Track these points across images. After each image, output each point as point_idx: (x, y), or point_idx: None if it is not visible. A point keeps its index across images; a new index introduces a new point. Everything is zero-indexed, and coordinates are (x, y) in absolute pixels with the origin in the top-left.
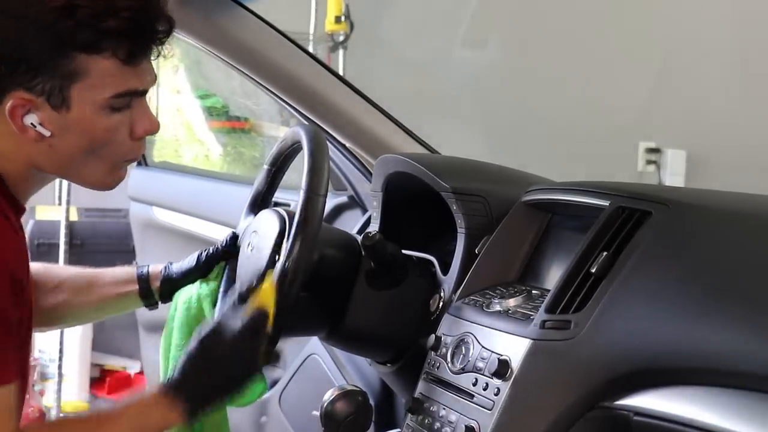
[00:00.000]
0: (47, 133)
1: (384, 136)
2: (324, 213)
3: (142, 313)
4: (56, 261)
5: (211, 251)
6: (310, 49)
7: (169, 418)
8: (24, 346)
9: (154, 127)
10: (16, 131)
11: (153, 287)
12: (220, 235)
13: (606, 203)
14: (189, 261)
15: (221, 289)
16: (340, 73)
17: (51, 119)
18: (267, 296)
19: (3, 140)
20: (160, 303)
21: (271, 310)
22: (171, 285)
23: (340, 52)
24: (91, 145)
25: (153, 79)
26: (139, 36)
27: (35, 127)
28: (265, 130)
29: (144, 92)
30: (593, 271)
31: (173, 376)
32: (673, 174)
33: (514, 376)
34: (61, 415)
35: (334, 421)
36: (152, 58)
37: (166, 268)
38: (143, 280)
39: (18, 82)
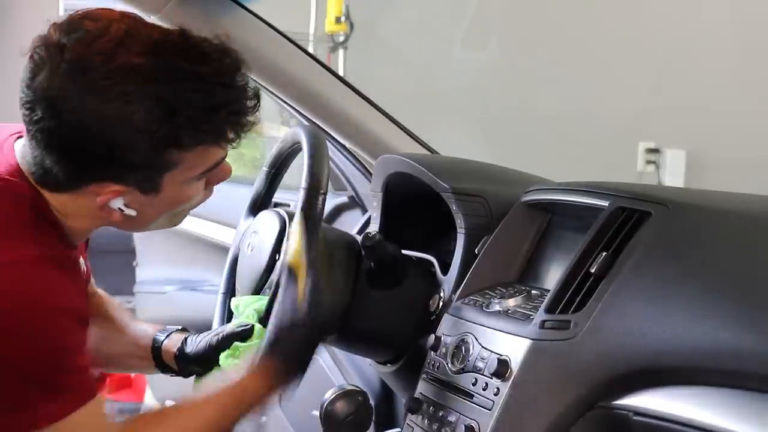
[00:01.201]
0: (133, 213)
1: (384, 136)
2: (324, 213)
3: (142, 312)
4: None
5: (222, 336)
6: (310, 50)
7: (266, 386)
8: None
9: (227, 176)
10: (97, 209)
11: (167, 360)
12: (219, 235)
13: (606, 203)
14: (203, 342)
15: (221, 291)
16: (340, 73)
17: (138, 201)
18: (296, 256)
19: (78, 212)
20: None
21: (301, 269)
22: (186, 364)
23: (340, 52)
24: (172, 210)
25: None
26: (236, 127)
27: (122, 211)
28: (265, 130)
29: (225, 157)
30: (593, 271)
31: (260, 353)
32: (673, 174)
33: (513, 376)
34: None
35: (334, 421)
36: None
37: (182, 344)
38: (157, 351)
39: (111, 176)
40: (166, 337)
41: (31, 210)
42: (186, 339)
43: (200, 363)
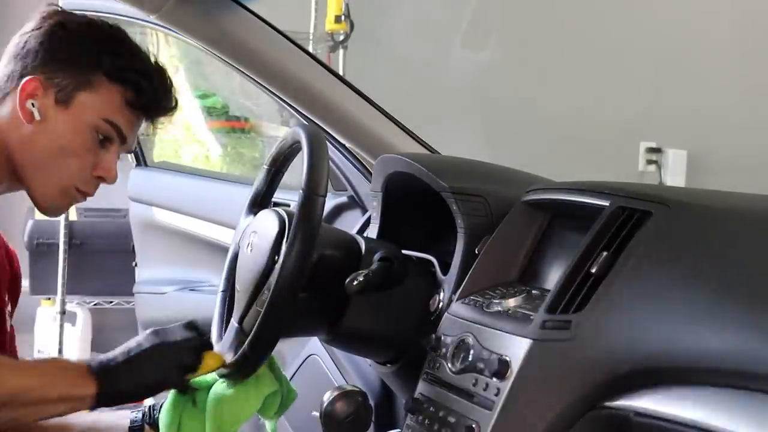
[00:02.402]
0: (38, 116)
1: (384, 136)
2: (324, 213)
3: (142, 313)
4: (55, 261)
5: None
6: (310, 49)
7: (79, 391)
8: None
9: (111, 177)
10: (11, 114)
11: None
12: (219, 235)
13: (606, 203)
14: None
15: (221, 289)
16: (340, 73)
17: (47, 108)
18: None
19: None
20: None
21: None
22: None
23: (340, 51)
24: (63, 150)
25: (132, 145)
26: (154, 99)
27: (33, 107)
28: (264, 130)
29: (122, 142)
30: (593, 271)
31: (104, 359)
32: (674, 174)
33: (514, 376)
34: None
35: (333, 422)
36: (144, 126)
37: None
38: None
39: (41, 71)
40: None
41: None
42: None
43: None
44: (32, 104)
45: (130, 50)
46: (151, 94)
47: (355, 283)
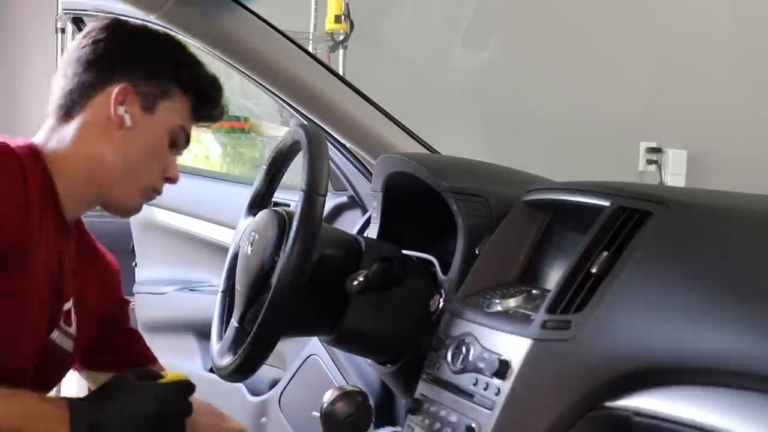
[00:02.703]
0: (129, 123)
1: (384, 136)
2: (324, 213)
3: (142, 313)
4: None
5: None
6: (310, 49)
7: (52, 427)
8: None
9: (176, 177)
10: (102, 119)
11: None
12: (219, 235)
13: (607, 203)
14: None
15: (221, 289)
16: (340, 73)
17: (137, 115)
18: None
19: (76, 150)
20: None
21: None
22: None
23: (340, 51)
24: (149, 154)
25: (185, 146)
26: (214, 109)
27: (126, 113)
28: (264, 130)
29: (186, 144)
30: (594, 271)
31: (82, 398)
32: (674, 174)
33: (514, 376)
34: None
35: (334, 422)
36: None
37: None
38: None
39: (128, 79)
40: None
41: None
42: None
43: None
44: (125, 111)
45: (196, 62)
46: (212, 104)
47: (355, 283)
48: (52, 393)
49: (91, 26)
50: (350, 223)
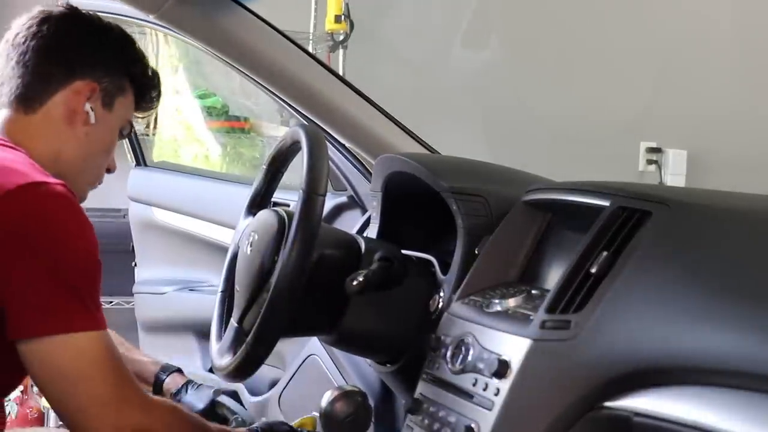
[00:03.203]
0: (93, 120)
1: (384, 136)
2: (323, 213)
3: (142, 313)
4: None
5: (224, 408)
6: (310, 49)
7: None
8: None
9: (115, 167)
10: (67, 115)
11: (165, 396)
12: (219, 235)
13: (606, 203)
14: (201, 400)
15: (220, 289)
16: (340, 73)
17: (98, 112)
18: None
19: (44, 135)
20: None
21: None
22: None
23: (340, 51)
24: (105, 150)
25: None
26: (153, 102)
27: (91, 111)
28: (264, 130)
29: (127, 134)
30: (593, 271)
31: None
32: (674, 174)
33: (513, 376)
34: None
35: (333, 422)
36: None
37: (180, 390)
38: (158, 387)
39: (91, 75)
40: (168, 375)
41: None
42: (186, 386)
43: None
44: (90, 108)
45: (143, 56)
46: (153, 97)
47: (355, 283)
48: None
49: (43, 12)
50: (350, 223)
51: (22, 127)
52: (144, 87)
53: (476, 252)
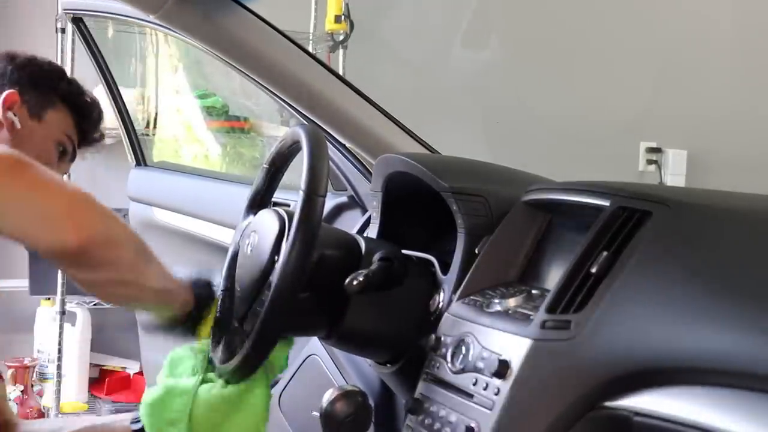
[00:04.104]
0: (18, 125)
1: (384, 136)
2: (323, 213)
3: (142, 313)
4: None
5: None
6: (310, 49)
7: (179, 299)
8: None
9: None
10: None
11: None
12: (219, 235)
13: (606, 203)
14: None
15: (221, 289)
16: (340, 73)
17: (24, 120)
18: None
19: None
20: None
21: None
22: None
23: (340, 52)
24: (38, 160)
25: (70, 166)
26: (93, 127)
27: (15, 117)
28: (264, 130)
29: (71, 159)
30: (593, 271)
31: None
32: (674, 174)
33: (514, 376)
34: (60, 415)
35: (333, 422)
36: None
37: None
38: None
39: (18, 85)
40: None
41: None
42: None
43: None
44: (13, 114)
45: (77, 84)
46: (92, 122)
47: (355, 283)
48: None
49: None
50: (350, 223)
51: None
52: (79, 108)
53: (476, 252)
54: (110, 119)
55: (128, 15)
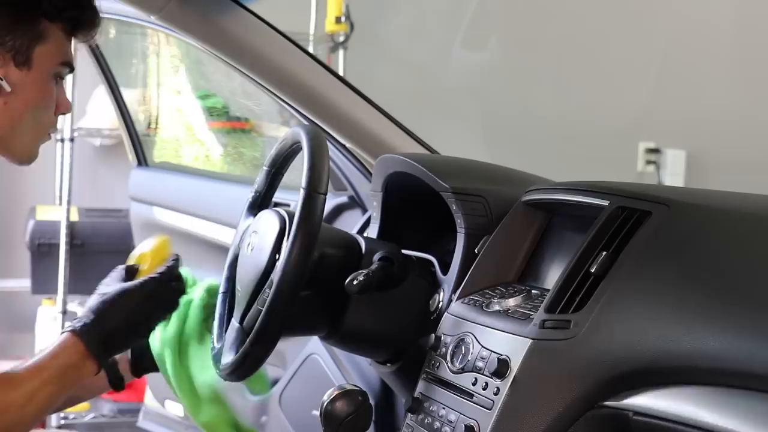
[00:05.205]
0: (8, 89)
1: (384, 136)
2: (324, 212)
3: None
4: (56, 261)
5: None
6: (310, 49)
7: (84, 363)
8: None
9: (69, 107)
10: None
11: (122, 371)
12: (220, 235)
13: (606, 203)
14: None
15: (221, 290)
16: (340, 73)
17: (13, 76)
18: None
19: None
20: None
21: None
22: (142, 366)
23: (340, 52)
24: (36, 108)
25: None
26: (85, 13)
27: (1, 80)
28: (265, 131)
29: (71, 71)
30: (593, 270)
31: (86, 323)
32: (673, 174)
33: (513, 375)
34: (60, 415)
35: (334, 421)
36: (84, 40)
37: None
38: (111, 368)
39: None
40: None
41: None
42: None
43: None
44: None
45: None
46: (86, 20)
47: (356, 282)
48: None
49: None
50: (350, 223)
51: None
52: (71, 18)
53: (476, 252)
54: (112, 120)
55: (129, 16)
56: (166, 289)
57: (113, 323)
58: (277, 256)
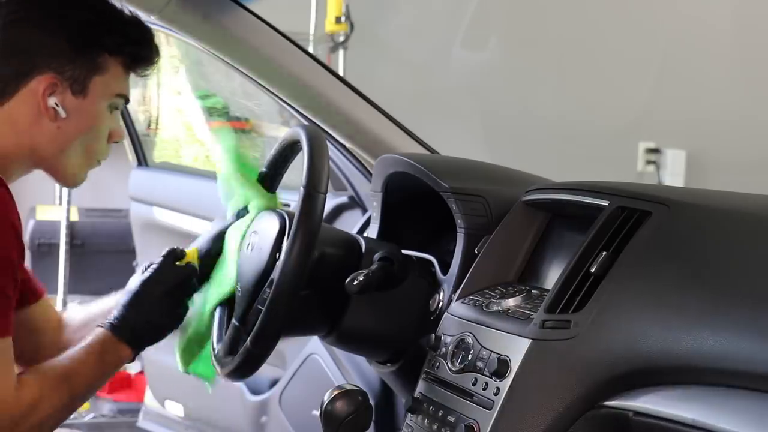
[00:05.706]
0: (63, 114)
1: (384, 136)
2: (324, 212)
3: None
4: (56, 261)
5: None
6: (310, 49)
7: (122, 355)
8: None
9: (122, 136)
10: (32, 112)
11: None
12: None
13: (606, 203)
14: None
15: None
16: (340, 73)
17: (68, 103)
18: (191, 257)
19: (8, 130)
20: None
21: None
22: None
23: (340, 52)
24: (88, 134)
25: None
26: (144, 51)
27: (57, 106)
28: (265, 131)
29: (126, 103)
30: (593, 270)
31: (117, 321)
32: (673, 174)
33: (513, 375)
34: None
35: (334, 421)
36: (141, 75)
37: None
38: None
39: (52, 67)
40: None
41: None
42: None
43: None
44: (55, 104)
45: (121, 19)
46: (145, 56)
47: (356, 282)
48: None
49: None
50: (350, 223)
51: None
52: (131, 54)
53: (476, 252)
54: None
55: None
56: (172, 270)
57: (141, 309)
58: (278, 255)
